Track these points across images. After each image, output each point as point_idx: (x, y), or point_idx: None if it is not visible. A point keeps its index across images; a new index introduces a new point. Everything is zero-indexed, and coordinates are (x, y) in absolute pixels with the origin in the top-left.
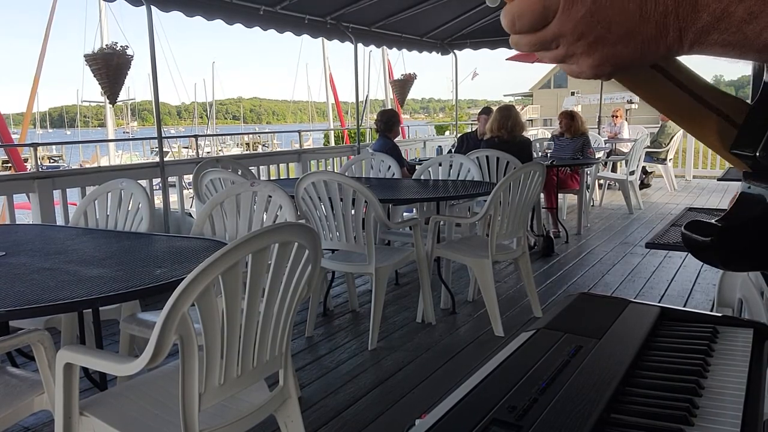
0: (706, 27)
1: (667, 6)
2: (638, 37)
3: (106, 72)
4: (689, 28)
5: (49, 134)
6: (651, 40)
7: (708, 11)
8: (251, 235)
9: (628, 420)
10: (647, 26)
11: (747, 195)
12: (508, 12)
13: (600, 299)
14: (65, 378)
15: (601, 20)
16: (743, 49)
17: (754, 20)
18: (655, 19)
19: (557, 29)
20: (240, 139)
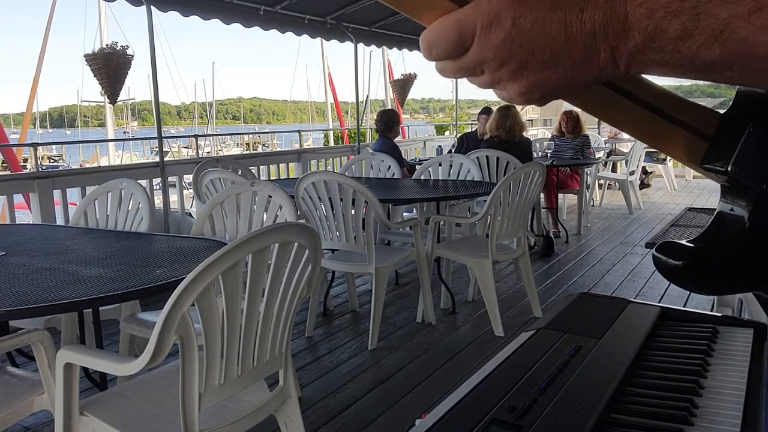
0: (640, 46)
1: (594, 25)
2: (566, 61)
3: (106, 72)
4: (621, 48)
5: (49, 134)
6: (580, 63)
7: (639, 29)
8: (251, 235)
9: (628, 420)
10: (574, 49)
11: (724, 214)
12: (423, 38)
13: (600, 299)
14: (65, 378)
15: (522, 44)
16: (683, 69)
17: (690, 38)
18: (583, 41)
19: (477, 56)
20: (240, 139)
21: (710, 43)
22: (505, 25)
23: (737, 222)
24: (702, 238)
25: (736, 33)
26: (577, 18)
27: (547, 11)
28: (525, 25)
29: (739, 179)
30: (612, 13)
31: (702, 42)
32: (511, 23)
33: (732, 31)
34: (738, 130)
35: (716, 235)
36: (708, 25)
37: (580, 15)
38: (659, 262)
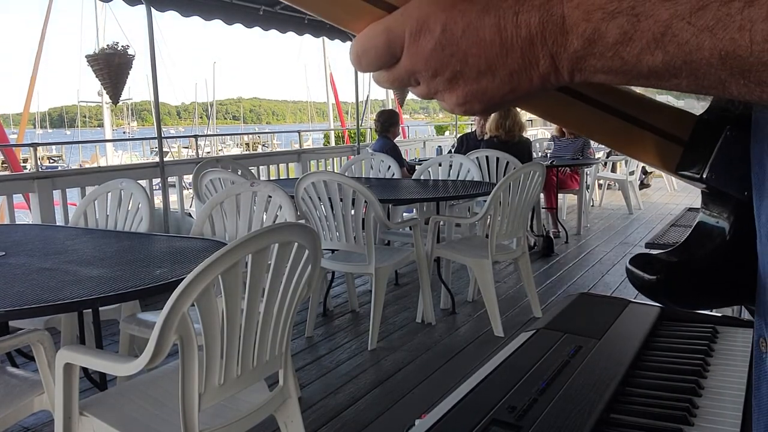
0: (579, 52)
1: (530, 30)
2: (503, 70)
3: (107, 72)
4: (561, 55)
5: (48, 134)
6: (519, 71)
7: (577, 33)
8: (251, 235)
9: (628, 420)
10: (511, 56)
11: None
12: (352, 48)
13: (600, 299)
14: (65, 378)
15: (455, 53)
16: (629, 76)
17: (630, 42)
18: (520, 47)
19: (408, 65)
20: (240, 140)
21: (652, 47)
22: (435, 32)
23: (718, 234)
24: (680, 250)
25: (678, 36)
26: (512, 22)
27: (479, 15)
28: (456, 30)
29: (716, 186)
30: (549, 16)
31: (643, 46)
32: (441, 29)
33: (673, 33)
34: (714, 133)
35: (695, 247)
36: (648, 28)
37: (515, 18)
38: (633, 276)
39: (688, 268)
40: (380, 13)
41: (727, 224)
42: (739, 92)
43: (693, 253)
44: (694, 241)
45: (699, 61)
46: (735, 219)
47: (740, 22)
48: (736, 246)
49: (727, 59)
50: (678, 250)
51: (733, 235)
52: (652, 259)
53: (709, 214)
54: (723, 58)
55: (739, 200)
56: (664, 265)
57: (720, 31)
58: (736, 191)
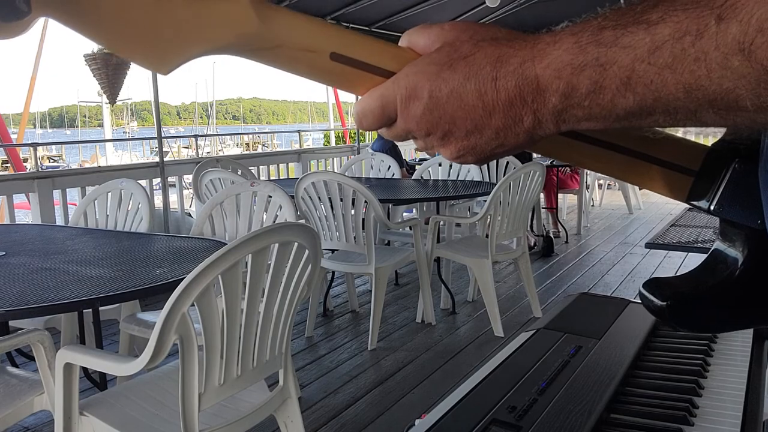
0: (558, 106)
1: (509, 93)
2: (488, 129)
3: (105, 72)
4: (542, 110)
5: (48, 134)
6: (504, 129)
7: (551, 90)
8: (251, 235)
9: (627, 420)
10: (495, 117)
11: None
12: (354, 110)
13: (600, 299)
14: (65, 378)
15: (442, 116)
16: (610, 120)
17: (601, 90)
18: (501, 109)
19: (403, 126)
20: (240, 139)
21: (622, 91)
22: (423, 98)
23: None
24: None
25: (643, 77)
26: (491, 87)
27: (462, 82)
28: (441, 97)
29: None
30: (523, 79)
31: (614, 92)
32: (428, 96)
33: (638, 75)
34: (724, 164)
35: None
36: (615, 74)
37: (494, 84)
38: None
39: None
40: (380, 80)
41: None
42: (713, 121)
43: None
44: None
45: (667, 97)
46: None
47: (694, 54)
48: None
49: (691, 91)
50: (692, 275)
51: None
52: (663, 285)
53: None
54: (688, 91)
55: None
56: (674, 293)
57: (678, 66)
58: (747, 221)
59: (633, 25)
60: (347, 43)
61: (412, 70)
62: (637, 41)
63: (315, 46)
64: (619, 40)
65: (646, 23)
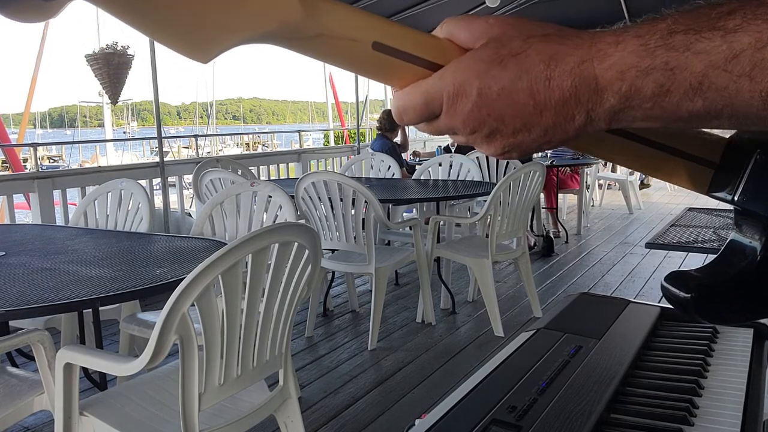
0: (616, 107)
1: (563, 93)
2: (538, 127)
3: (107, 72)
4: (597, 110)
5: (48, 134)
6: (554, 126)
7: (612, 91)
8: (251, 235)
9: (628, 420)
10: (546, 115)
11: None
12: (394, 105)
13: (600, 299)
14: (65, 378)
15: (491, 113)
16: (669, 121)
17: (667, 93)
18: (553, 108)
19: (448, 123)
20: (240, 139)
21: (690, 96)
22: (471, 96)
23: (750, 253)
24: (712, 268)
25: (716, 83)
26: (544, 86)
27: (513, 80)
28: (491, 95)
29: (748, 208)
30: (581, 79)
31: (681, 96)
32: (477, 93)
33: (711, 82)
34: (744, 156)
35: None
36: (685, 79)
37: (548, 83)
38: (668, 292)
39: (720, 287)
40: (421, 71)
41: (759, 245)
42: None
43: (725, 272)
44: (725, 260)
45: (739, 103)
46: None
47: None
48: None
49: None
50: (711, 267)
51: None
52: (686, 277)
53: (741, 233)
54: (765, 99)
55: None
56: (696, 284)
57: (758, 75)
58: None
59: (708, 30)
60: (390, 32)
61: (459, 66)
62: (712, 48)
63: (357, 35)
64: (692, 46)
65: (722, 30)
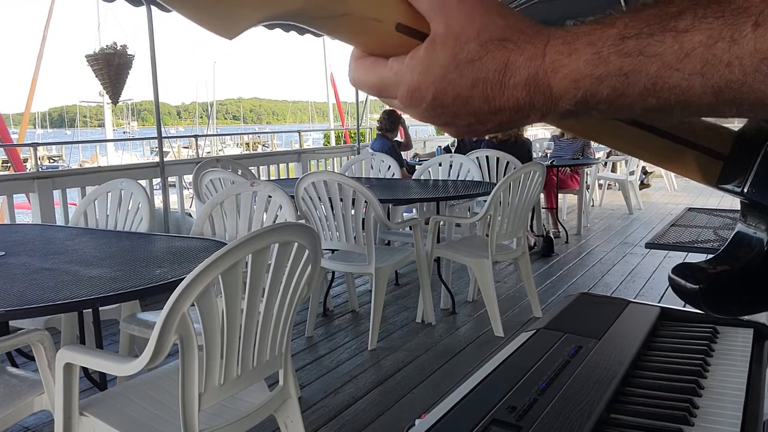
0: (572, 109)
1: (518, 101)
2: (492, 123)
3: (107, 72)
4: (552, 113)
5: (49, 134)
6: (509, 123)
7: (566, 98)
8: (251, 235)
9: (627, 420)
10: (500, 116)
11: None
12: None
13: (600, 299)
14: (65, 378)
15: (444, 113)
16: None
17: (621, 96)
18: (508, 112)
19: (402, 109)
20: (240, 139)
21: (644, 96)
22: (426, 99)
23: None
24: (719, 259)
25: (668, 83)
26: (498, 93)
27: (468, 88)
28: (446, 99)
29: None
30: (535, 89)
31: (635, 97)
32: (432, 98)
33: (664, 82)
34: (754, 148)
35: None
36: (639, 81)
37: (502, 91)
38: (676, 284)
39: (728, 279)
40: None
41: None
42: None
43: (732, 263)
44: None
45: (692, 98)
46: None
47: (728, 60)
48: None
49: (720, 93)
50: (718, 259)
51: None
52: (694, 269)
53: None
54: (716, 93)
55: None
56: (706, 275)
57: (709, 71)
58: None
59: (659, 33)
60: (413, 14)
61: (416, 67)
62: (664, 49)
63: (382, 15)
64: (645, 50)
65: (674, 30)
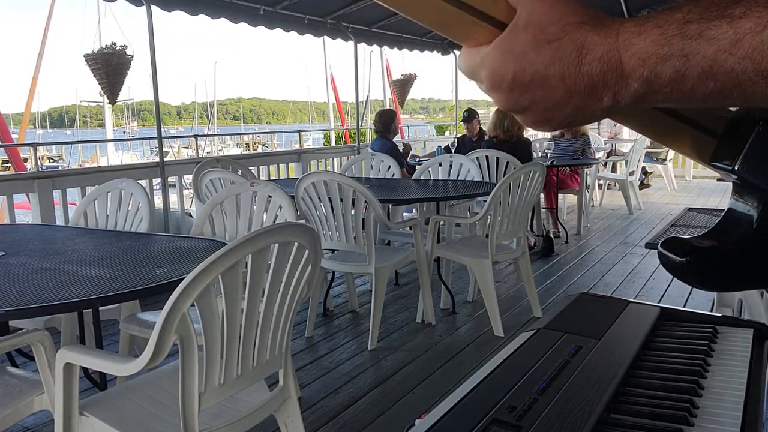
0: (639, 91)
1: (593, 78)
2: (568, 107)
3: (105, 72)
4: (622, 93)
5: (49, 134)
6: (583, 106)
7: (635, 77)
8: (251, 235)
9: (627, 420)
10: (575, 98)
11: (734, 212)
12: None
13: (600, 299)
14: (65, 378)
15: (524, 94)
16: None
17: (683, 78)
18: (582, 91)
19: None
20: (240, 139)
21: (703, 79)
22: (506, 78)
23: (746, 221)
24: (709, 235)
25: (724, 66)
26: (575, 72)
27: (546, 66)
28: (525, 78)
29: (747, 178)
30: (608, 65)
31: (695, 80)
32: (512, 77)
33: (720, 65)
34: (748, 127)
35: (723, 233)
36: (697, 64)
37: (578, 69)
38: (664, 257)
39: (716, 253)
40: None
41: (756, 213)
42: None
43: (722, 239)
44: (722, 228)
45: (746, 82)
46: (763, 209)
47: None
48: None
49: None
50: (708, 234)
51: (760, 224)
52: (682, 242)
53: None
54: (765, 76)
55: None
56: (693, 249)
57: (757, 56)
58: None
59: (717, 19)
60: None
61: (499, 47)
62: (720, 34)
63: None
64: (703, 33)
65: (729, 17)
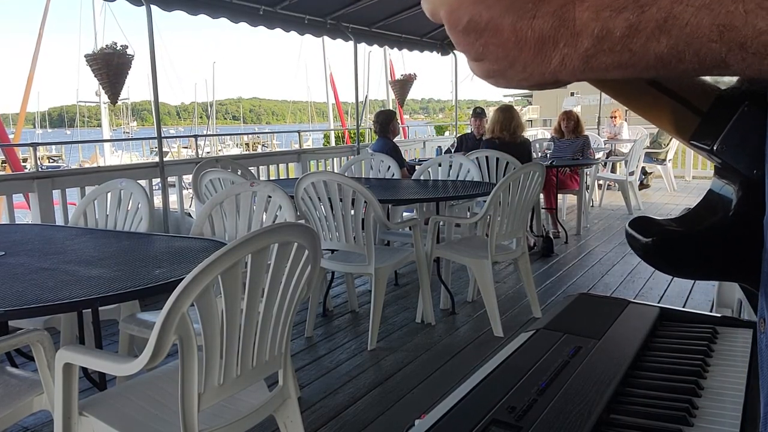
0: (590, 51)
1: (543, 33)
2: (518, 62)
3: (106, 72)
4: (571, 55)
5: (48, 134)
6: (532, 65)
7: (587, 33)
8: (251, 235)
9: (627, 420)
10: (525, 53)
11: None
12: None
13: (599, 300)
14: (64, 378)
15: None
16: (638, 68)
17: (636, 33)
18: (532, 48)
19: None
20: (240, 140)
21: (656, 34)
22: (462, 21)
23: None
24: (681, 218)
25: (679, 18)
26: (527, 24)
27: (501, 14)
28: (480, 23)
29: (725, 160)
30: (561, 21)
31: (648, 35)
32: (467, 20)
33: (675, 17)
34: (733, 108)
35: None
36: (651, 16)
37: (531, 22)
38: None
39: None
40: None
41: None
42: (739, 67)
43: (694, 222)
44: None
45: (700, 39)
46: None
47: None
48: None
49: (724, 32)
50: (680, 218)
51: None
52: (651, 223)
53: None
54: (721, 32)
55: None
56: (660, 230)
57: (716, 6)
58: (744, 168)
59: None
60: None
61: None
62: None
63: None
64: None
65: None
